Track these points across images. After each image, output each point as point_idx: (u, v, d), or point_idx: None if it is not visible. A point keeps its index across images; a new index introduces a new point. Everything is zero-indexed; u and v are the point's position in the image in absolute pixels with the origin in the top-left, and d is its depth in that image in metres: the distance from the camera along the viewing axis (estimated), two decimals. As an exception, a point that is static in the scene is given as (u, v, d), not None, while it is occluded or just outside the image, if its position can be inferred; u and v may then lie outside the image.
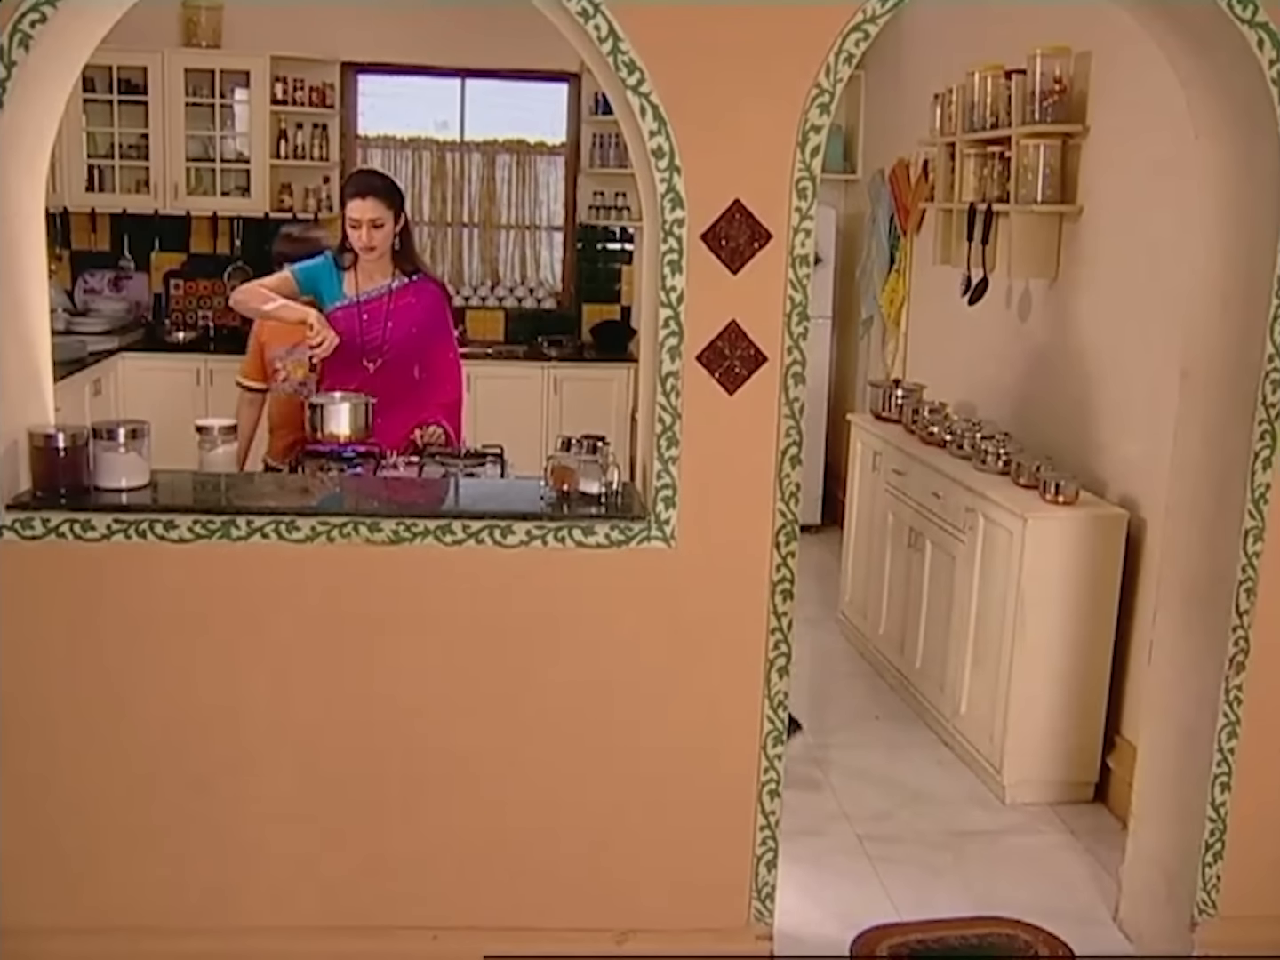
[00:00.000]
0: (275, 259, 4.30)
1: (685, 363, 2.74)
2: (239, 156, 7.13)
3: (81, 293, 7.24)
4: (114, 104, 6.86)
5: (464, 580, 2.81)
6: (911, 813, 3.97)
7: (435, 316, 4.08)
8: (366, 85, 7.48)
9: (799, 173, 2.70)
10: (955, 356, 5.48)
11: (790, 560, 2.87)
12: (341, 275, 4.02)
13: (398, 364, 4.00)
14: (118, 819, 2.88)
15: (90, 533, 2.73)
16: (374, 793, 2.91)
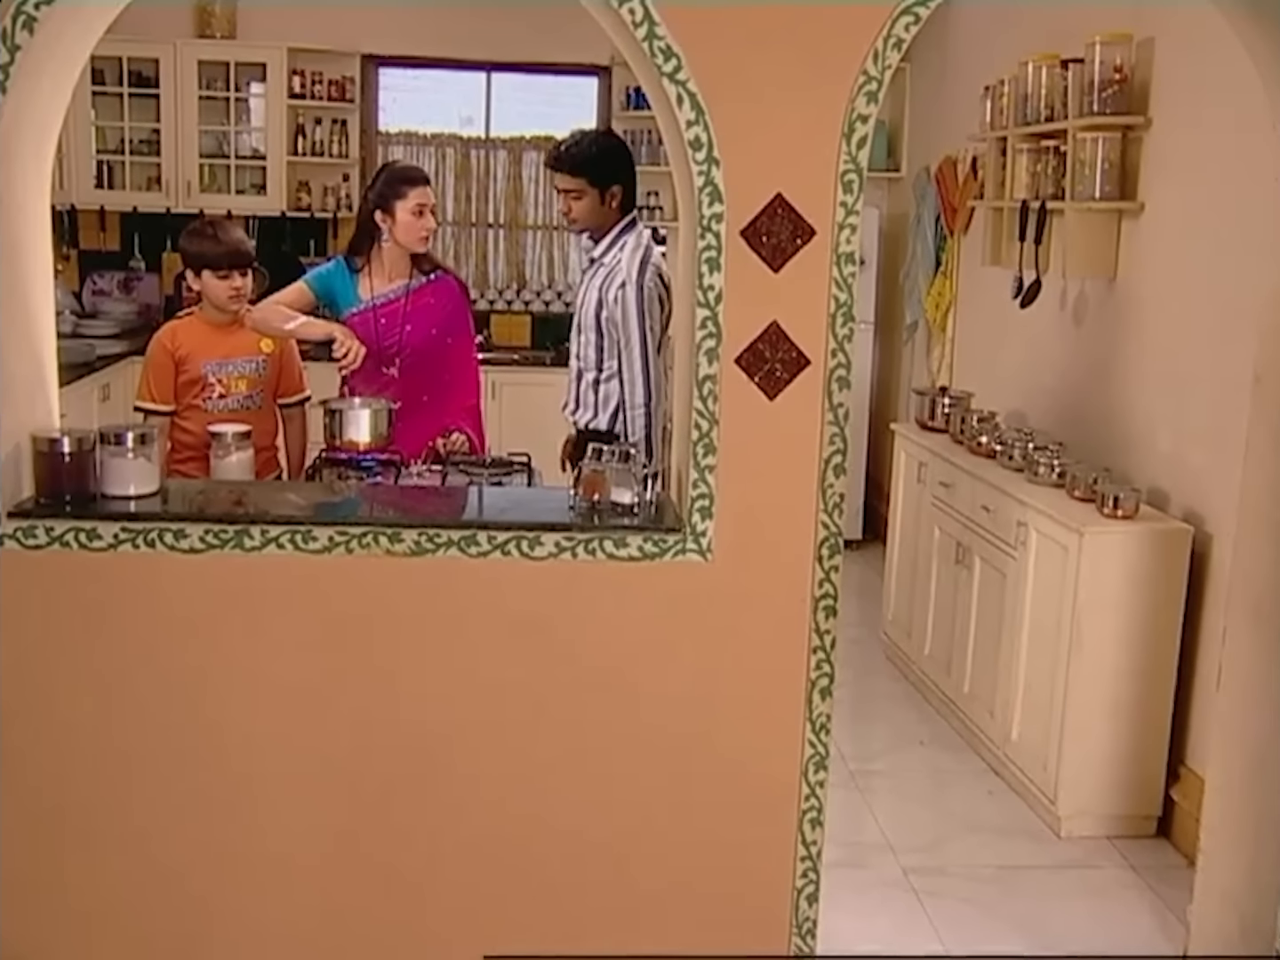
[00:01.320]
0: (183, 259, 4.00)
1: (723, 366, 2.70)
2: (254, 153, 7.13)
3: (90, 294, 7.25)
4: (124, 97, 6.87)
5: (489, 593, 2.76)
6: (960, 844, 3.91)
7: (456, 315, 4.06)
8: (388, 78, 7.48)
9: (844, 165, 2.65)
10: (1005, 362, 5.43)
11: (833, 575, 2.81)
12: (355, 278, 4.00)
13: (419, 368, 3.98)
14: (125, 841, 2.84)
15: (96, 542, 2.70)
16: (394, 813, 2.87)
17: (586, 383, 4.01)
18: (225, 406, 3.97)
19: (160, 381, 3.93)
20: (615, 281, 3.86)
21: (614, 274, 3.88)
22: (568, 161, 3.87)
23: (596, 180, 3.85)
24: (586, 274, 3.99)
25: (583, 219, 3.88)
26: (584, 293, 3.98)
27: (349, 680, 2.80)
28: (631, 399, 3.90)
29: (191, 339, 3.94)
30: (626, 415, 3.91)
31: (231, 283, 3.92)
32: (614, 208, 3.88)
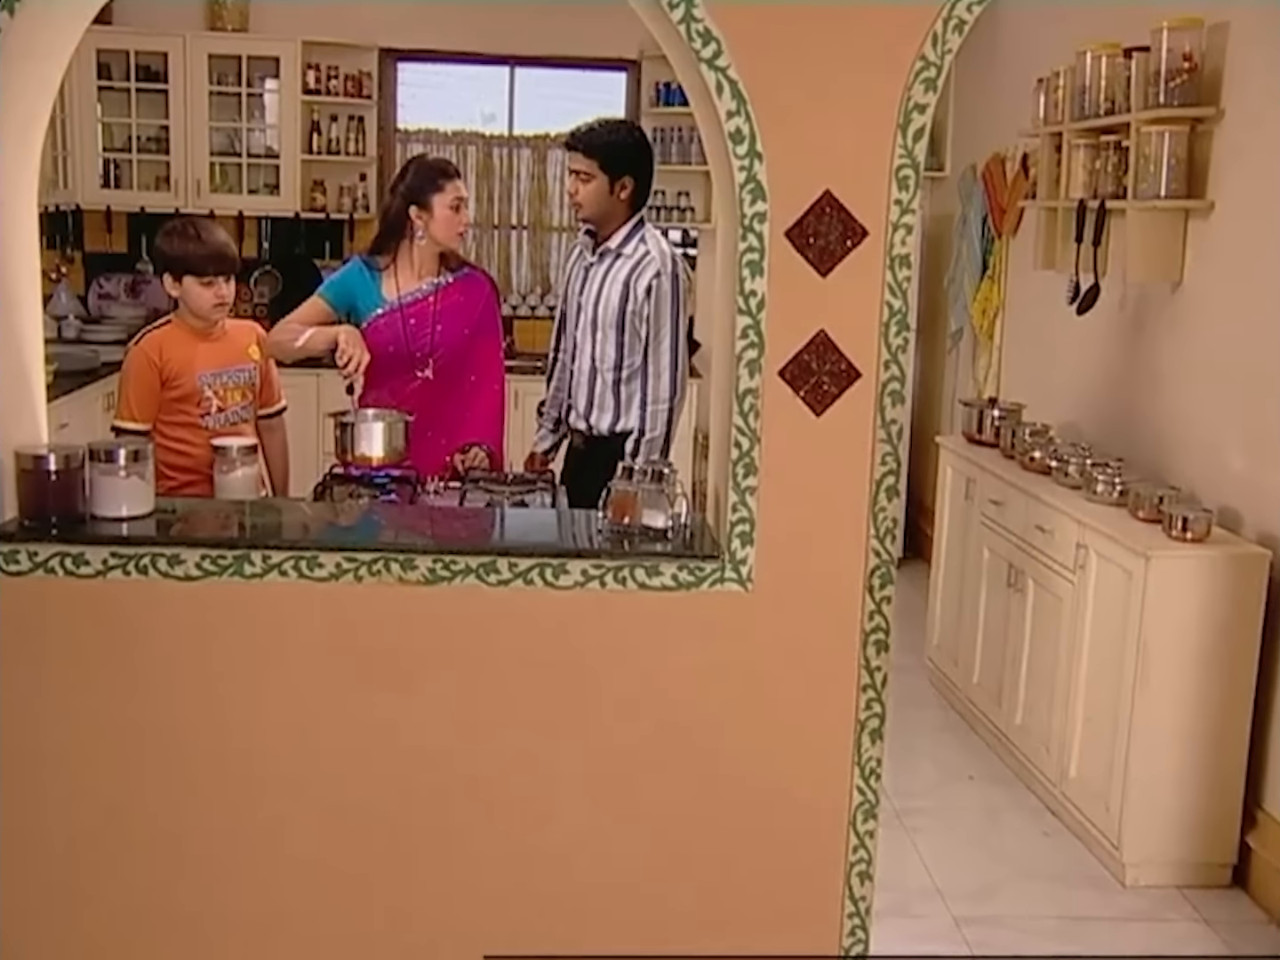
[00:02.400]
0: (160, 262, 3.75)
1: (766, 379, 2.57)
2: (267, 151, 7.08)
3: (95, 298, 7.20)
4: (131, 93, 6.81)
5: (510, 625, 2.64)
6: (1016, 891, 3.75)
7: (486, 314, 3.96)
8: (407, 74, 7.42)
9: (900, 160, 2.52)
10: (1057, 372, 5.27)
11: (885, 607, 2.68)
12: (378, 278, 3.88)
13: (451, 370, 3.89)
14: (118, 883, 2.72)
15: (84, 568, 2.58)
16: (405, 862, 2.74)
17: (604, 384, 3.90)
18: (223, 421, 3.78)
19: (144, 398, 3.67)
20: (647, 272, 3.80)
21: (643, 265, 3.80)
22: (583, 141, 3.83)
23: (609, 166, 3.80)
24: (594, 269, 3.87)
25: (587, 204, 3.84)
26: (598, 288, 3.86)
27: (358, 718, 2.68)
28: (655, 393, 3.83)
29: (179, 350, 3.70)
30: (647, 410, 3.84)
31: (216, 290, 3.69)
32: (622, 199, 3.83)
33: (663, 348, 3.81)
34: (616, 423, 3.89)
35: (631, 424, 3.88)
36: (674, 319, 3.79)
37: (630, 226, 3.87)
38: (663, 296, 3.78)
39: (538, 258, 7.58)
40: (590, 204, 3.84)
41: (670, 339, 3.80)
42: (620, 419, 3.90)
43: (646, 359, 3.83)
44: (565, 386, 4.09)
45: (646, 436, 3.85)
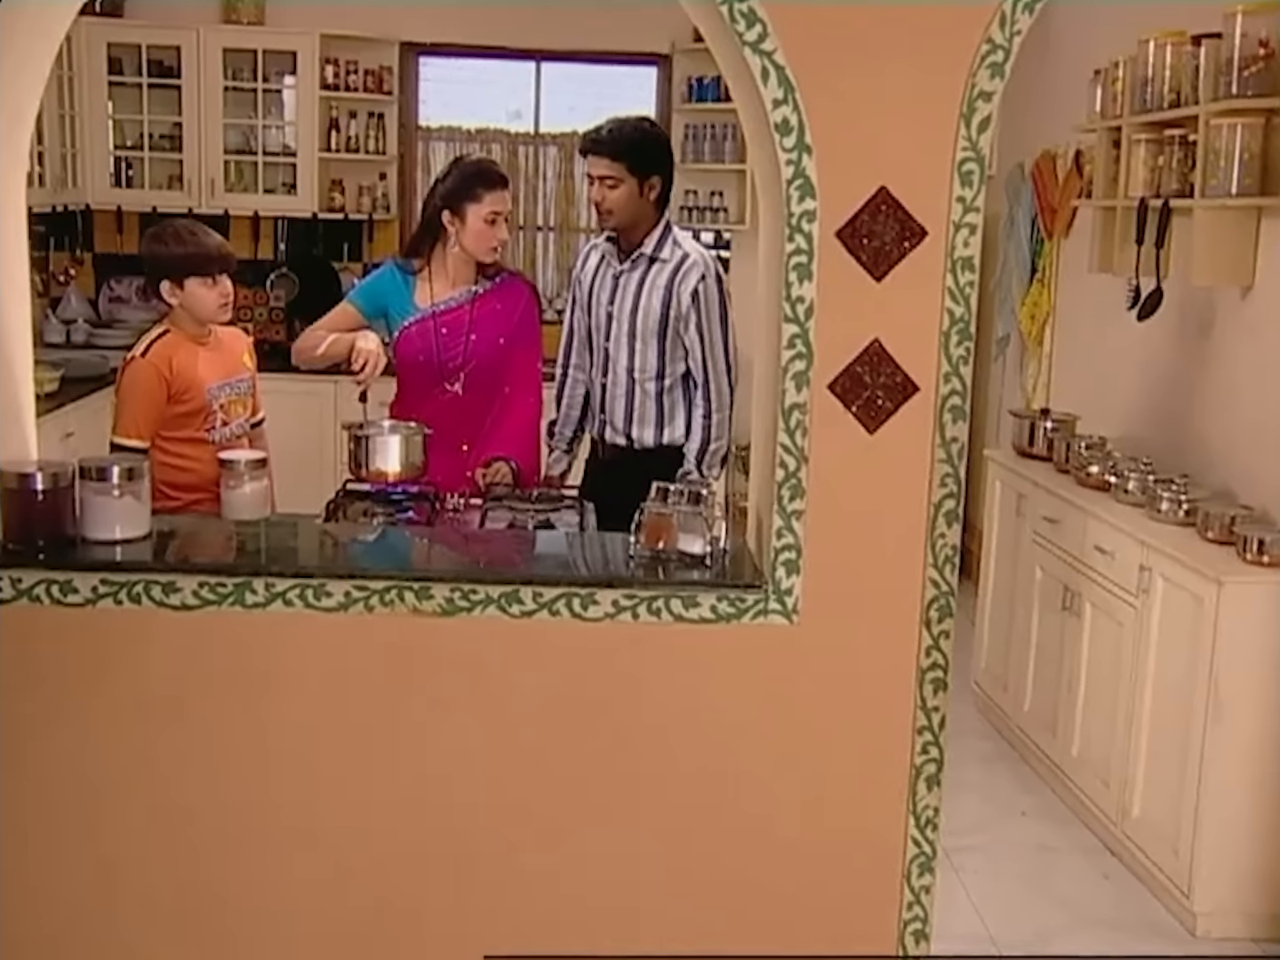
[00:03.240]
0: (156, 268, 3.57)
1: (814, 392, 2.43)
2: (284, 149, 6.97)
3: (106, 301, 7.11)
4: (143, 88, 6.71)
5: (534, 660, 2.51)
6: (1074, 940, 3.58)
7: (524, 323, 3.81)
8: (429, 69, 7.32)
9: (963, 153, 2.38)
10: (1115, 381, 5.09)
11: (944, 642, 2.54)
12: (411, 282, 3.74)
13: (485, 381, 3.74)
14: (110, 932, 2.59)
15: (72, 596, 2.45)
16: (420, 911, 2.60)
17: (645, 395, 3.75)
18: (229, 435, 3.66)
19: (151, 414, 3.51)
20: (691, 276, 3.66)
21: (686, 269, 3.65)
22: (607, 145, 3.68)
23: (636, 168, 3.66)
24: (626, 276, 3.71)
25: (618, 210, 3.68)
26: (634, 295, 3.69)
27: (367, 759, 2.55)
28: (719, 401, 3.73)
29: (186, 361, 3.56)
30: (712, 420, 3.71)
31: (221, 289, 3.60)
32: (651, 200, 3.70)
33: (719, 354, 3.69)
34: (661, 435, 3.74)
35: (677, 435, 3.75)
36: (723, 321, 3.68)
37: (661, 228, 3.73)
38: (711, 300, 3.66)
39: (565, 260, 7.45)
40: (621, 210, 3.69)
41: (723, 344, 3.69)
42: (665, 431, 3.75)
43: (706, 366, 3.69)
44: (578, 403, 3.94)
45: (712, 447, 3.73)
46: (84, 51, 6.46)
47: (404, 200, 7.19)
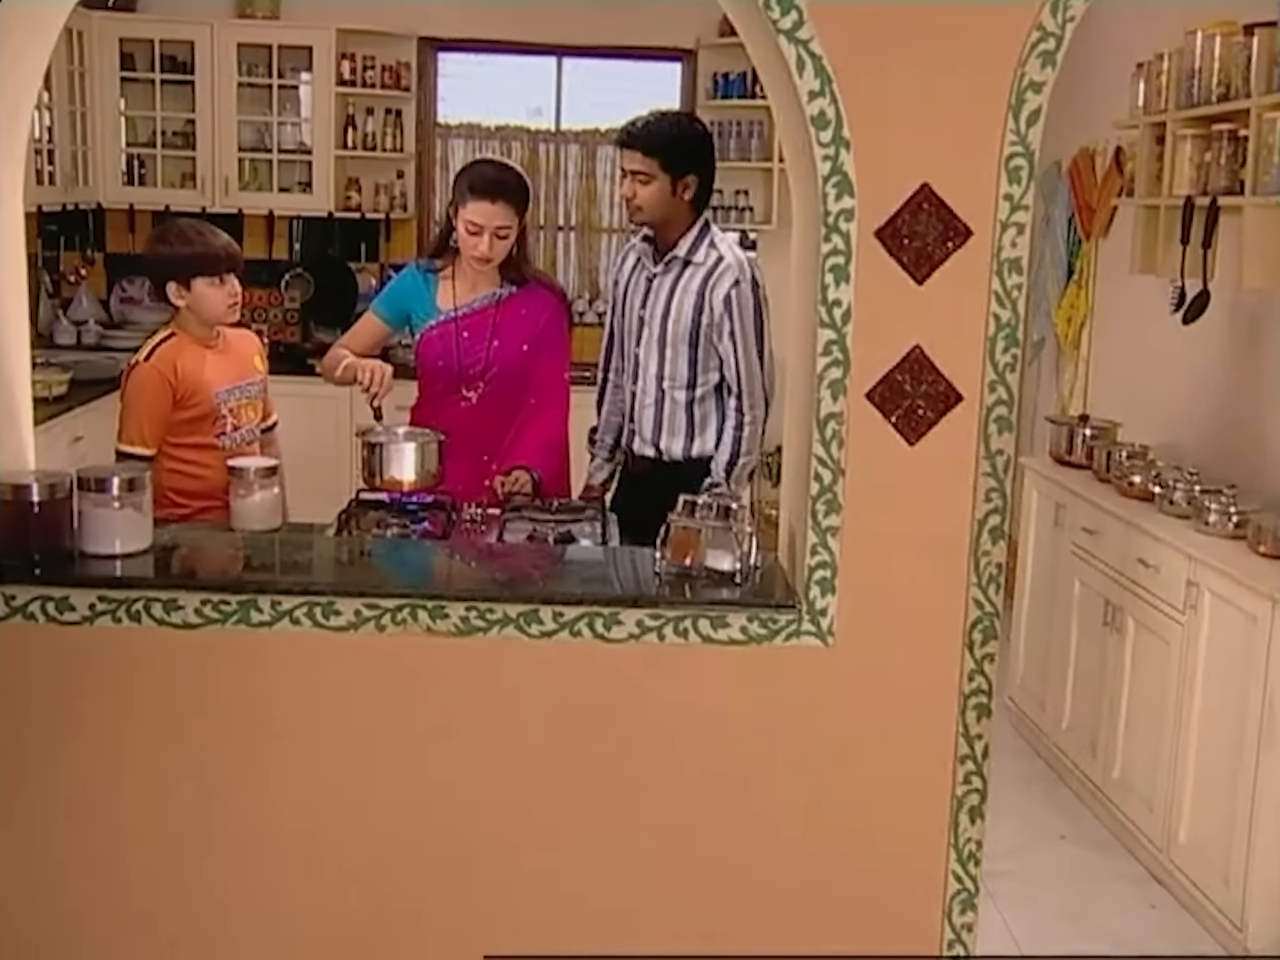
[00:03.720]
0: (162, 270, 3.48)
1: (851, 402, 2.34)
2: (299, 146, 6.90)
3: (118, 302, 7.04)
4: (156, 84, 6.65)
5: (554, 683, 2.43)
6: (1120, 975, 3.44)
7: (550, 330, 3.70)
8: (448, 64, 7.26)
9: (1011, 147, 2.28)
10: (1157, 387, 4.96)
11: (988, 665, 2.44)
12: (433, 283, 3.66)
13: (506, 391, 3.65)
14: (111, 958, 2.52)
15: (68, 614, 2.37)
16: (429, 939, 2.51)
17: (675, 405, 3.62)
18: (240, 440, 3.57)
19: (157, 421, 3.43)
20: (724, 281, 3.50)
21: (719, 273, 3.50)
22: (641, 139, 3.52)
23: (670, 165, 3.50)
24: (659, 279, 3.58)
25: (648, 208, 3.54)
26: (666, 300, 3.56)
27: (377, 786, 2.46)
28: (753, 413, 3.58)
29: (193, 365, 3.47)
30: (743, 433, 3.57)
31: (230, 288, 3.52)
32: (685, 200, 3.54)
33: (753, 362, 3.55)
34: (691, 447, 3.61)
35: (708, 448, 3.61)
36: (758, 329, 3.54)
37: (697, 230, 3.59)
38: (744, 306, 3.51)
39: (586, 260, 7.38)
40: (651, 208, 3.55)
41: (757, 352, 3.55)
42: (695, 442, 3.61)
43: (739, 376, 3.55)
44: (619, 409, 3.80)
45: (741, 461, 3.59)
46: (96, 47, 6.40)
47: (422, 199, 7.11)
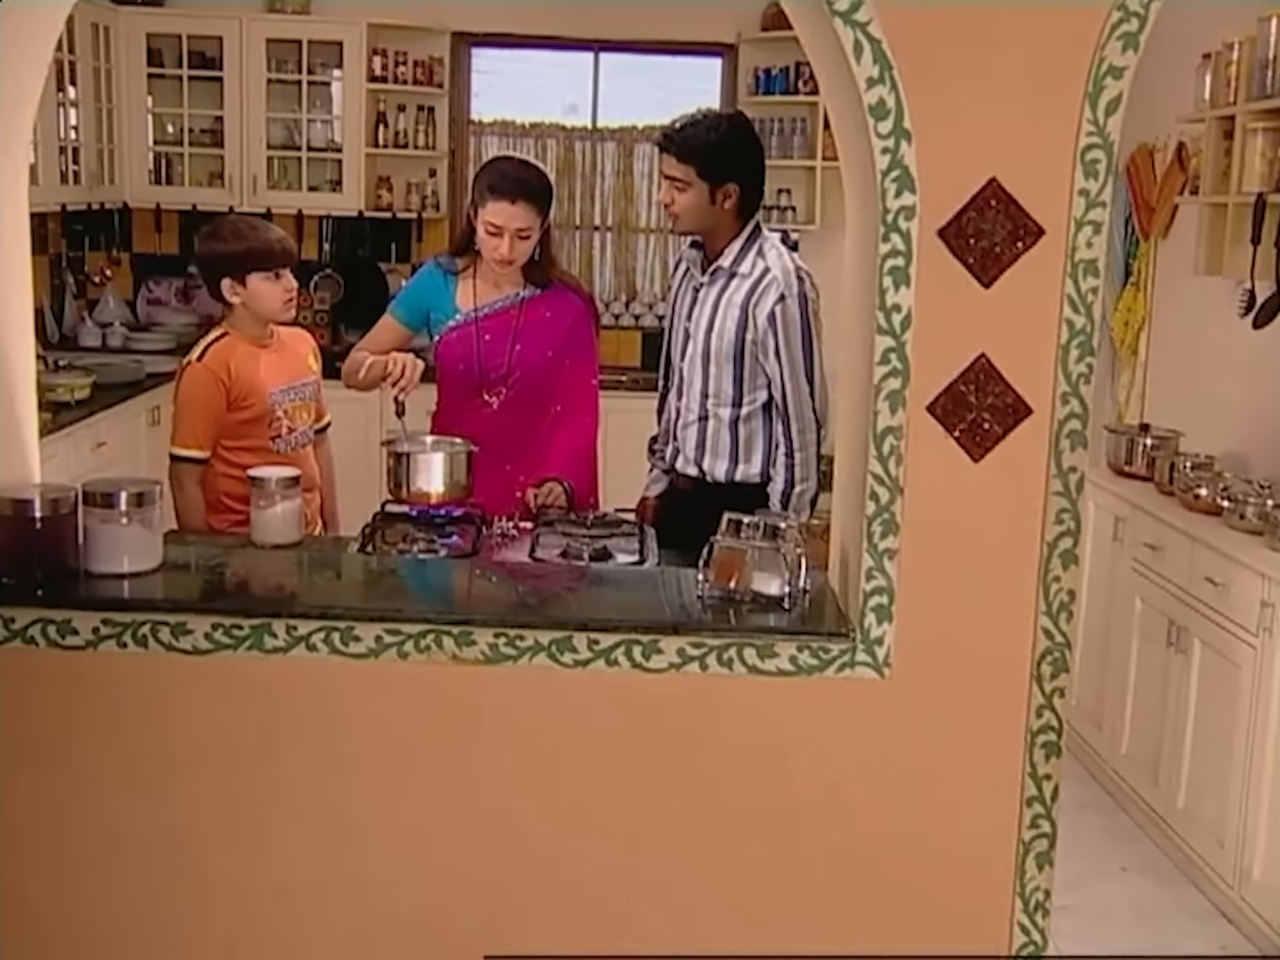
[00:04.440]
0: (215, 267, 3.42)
1: (911, 415, 2.20)
2: (329, 144, 6.81)
3: (144, 304, 6.98)
4: (183, 80, 6.58)
5: (589, 716, 2.30)
6: (1187, 1020, 3.26)
7: (577, 334, 3.58)
8: (482, 60, 7.17)
9: (1088, 138, 2.12)
10: (1222, 395, 4.78)
11: (1057, 701, 2.31)
12: (453, 283, 3.54)
13: (529, 398, 3.53)
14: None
15: (70, 638, 2.26)
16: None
17: (719, 423, 3.42)
18: (293, 443, 3.49)
19: (211, 422, 3.38)
20: (768, 296, 3.29)
21: (763, 287, 3.29)
22: (677, 144, 3.33)
23: (707, 173, 3.30)
24: (705, 291, 3.39)
25: (684, 217, 3.36)
26: (710, 313, 3.37)
27: (399, 823, 2.34)
28: (802, 438, 3.35)
29: (247, 365, 3.41)
30: (795, 460, 3.37)
31: (285, 283, 3.44)
32: (725, 209, 3.33)
33: (800, 383, 3.33)
34: (734, 470, 3.41)
35: (753, 473, 3.40)
36: (806, 348, 3.32)
37: (744, 239, 3.37)
38: (791, 324, 3.29)
39: (623, 262, 7.26)
40: (688, 216, 3.36)
41: (806, 373, 3.34)
42: (739, 465, 3.41)
43: (787, 398, 3.35)
44: (672, 425, 3.64)
45: (797, 489, 3.38)
46: (123, 43, 6.34)
47: (454, 198, 6.99)
